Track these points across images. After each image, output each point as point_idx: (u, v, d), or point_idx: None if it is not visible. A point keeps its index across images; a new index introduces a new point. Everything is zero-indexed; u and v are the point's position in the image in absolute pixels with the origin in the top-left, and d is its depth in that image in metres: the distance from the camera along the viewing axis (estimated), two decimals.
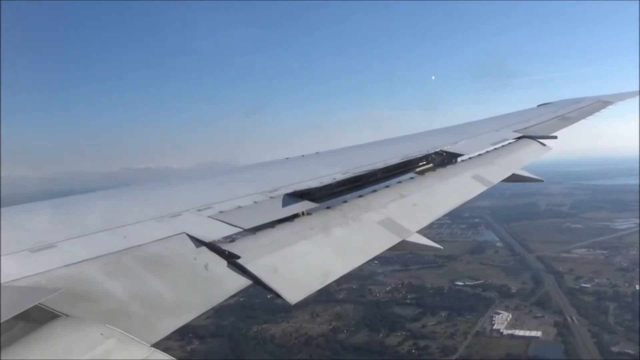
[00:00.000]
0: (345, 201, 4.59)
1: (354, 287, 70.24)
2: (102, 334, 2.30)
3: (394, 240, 4.21)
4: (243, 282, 3.09)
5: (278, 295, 3.08)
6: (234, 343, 56.09)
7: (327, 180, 4.76)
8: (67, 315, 2.35)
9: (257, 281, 3.13)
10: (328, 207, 4.38)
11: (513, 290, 69.57)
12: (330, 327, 59.85)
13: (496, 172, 6.56)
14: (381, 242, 4.15)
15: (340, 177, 4.91)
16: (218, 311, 58.43)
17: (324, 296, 65.91)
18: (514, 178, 6.77)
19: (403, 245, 4.26)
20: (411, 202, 4.95)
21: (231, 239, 3.49)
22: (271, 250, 3.46)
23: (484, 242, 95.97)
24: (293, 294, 3.16)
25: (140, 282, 2.81)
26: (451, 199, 5.48)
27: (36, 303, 2.27)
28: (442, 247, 4.77)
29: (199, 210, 3.79)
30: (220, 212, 3.82)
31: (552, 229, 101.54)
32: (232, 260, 3.20)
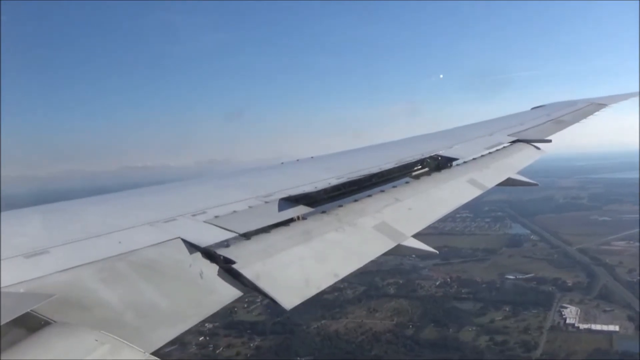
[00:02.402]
0: (340, 206, 4.59)
1: (401, 282, 69.55)
2: (96, 340, 2.29)
3: (389, 244, 4.20)
4: (238, 289, 3.08)
5: (274, 301, 3.07)
6: (298, 339, 54.04)
7: (322, 184, 4.76)
8: (60, 322, 2.33)
9: (252, 286, 3.11)
10: (323, 212, 4.37)
11: (569, 284, 67.87)
12: (393, 322, 58.29)
13: (491, 176, 6.58)
14: (377, 247, 4.14)
15: (335, 181, 4.91)
16: (268, 306, 55.96)
17: (374, 291, 65.71)
18: (509, 182, 6.80)
19: (399, 249, 4.27)
20: (406, 207, 4.95)
21: (226, 243, 3.47)
22: (266, 255, 3.44)
23: (517, 236, 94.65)
24: (289, 300, 3.14)
25: (135, 289, 2.78)
26: (446, 203, 5.48)
27: (29, 309, 2.26)
28: (437, 252, 4.78)
29: (194, 215, 3.78)
30: (215, 216, 3.81)
31: (581, 222, 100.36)
32: (227, 265, 3.18)
